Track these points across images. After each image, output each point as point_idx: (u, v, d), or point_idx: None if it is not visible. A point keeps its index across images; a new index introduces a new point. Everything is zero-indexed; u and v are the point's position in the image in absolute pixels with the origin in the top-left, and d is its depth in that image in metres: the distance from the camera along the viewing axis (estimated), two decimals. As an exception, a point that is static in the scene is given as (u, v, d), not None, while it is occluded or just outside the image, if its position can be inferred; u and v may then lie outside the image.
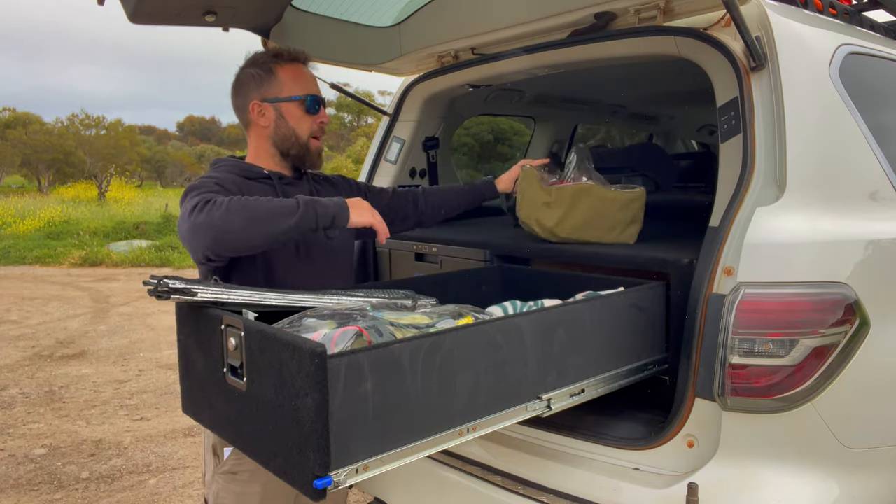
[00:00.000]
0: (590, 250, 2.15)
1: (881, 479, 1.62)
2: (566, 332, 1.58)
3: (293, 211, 1.53)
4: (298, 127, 1.86)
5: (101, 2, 1.85)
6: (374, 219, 1.66)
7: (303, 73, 1.89)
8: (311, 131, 1.88)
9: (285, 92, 1.84)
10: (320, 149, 1.92)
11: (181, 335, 1.56)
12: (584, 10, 2.10)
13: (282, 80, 1.84)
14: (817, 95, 1.71)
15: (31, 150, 32.02)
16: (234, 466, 1.79)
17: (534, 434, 1.87)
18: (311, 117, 1.87)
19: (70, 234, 14.80)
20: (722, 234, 1.60)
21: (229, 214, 1.48)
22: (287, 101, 1.84)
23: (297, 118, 1.85)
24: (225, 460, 1.81)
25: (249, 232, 1.50)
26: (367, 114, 38.17)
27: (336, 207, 1.60)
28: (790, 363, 1.49)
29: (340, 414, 1.15)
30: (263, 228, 1.50)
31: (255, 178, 1.84)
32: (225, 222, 1.48)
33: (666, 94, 3.87)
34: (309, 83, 1.89)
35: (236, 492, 1.79)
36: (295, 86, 1.85)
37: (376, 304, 1.68)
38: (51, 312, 8.08)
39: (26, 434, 4.35)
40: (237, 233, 1.49)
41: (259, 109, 1.84)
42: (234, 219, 1.48)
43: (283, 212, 1.52)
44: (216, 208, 1.49)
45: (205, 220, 1.49)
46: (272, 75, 1.84)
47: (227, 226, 1.48)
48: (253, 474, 1.78)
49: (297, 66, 1.88)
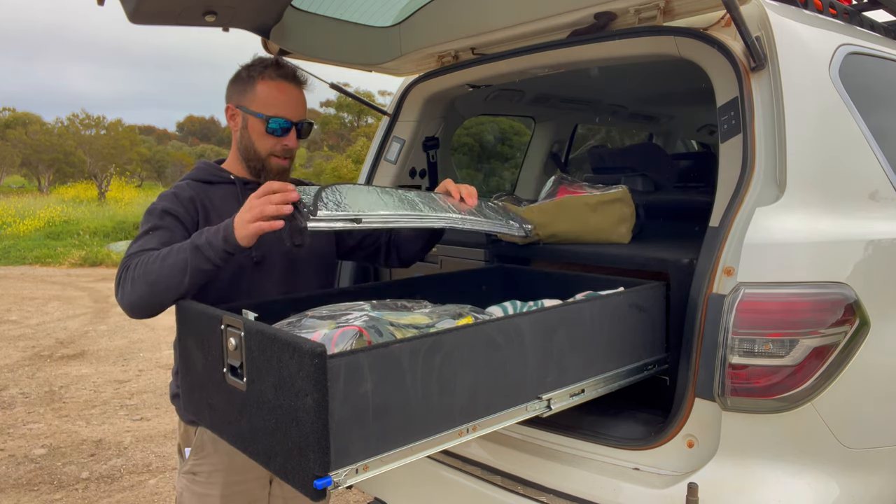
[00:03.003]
0: (590, 250, 2.15)
1: (881, 479, 1.61)
2: (566, 332, 1.58)
3: (184, 263, 1.52)
4: (259, 143, 1.82)
5: (101, 2, 1.85)
6: (257, 226, 1.49)
7: (281, 93, 1.82)
8: (272, 151, 1.83)
9: (255, 106, 1.81)
10: (283, 167, 1.86)
11: (181, 335, 1.56)
12: (584, 10, 2.10)
13: (257, 94, 1.81)
14: (817, 95, 1.71)
15: (31, 150, 32.02)
16: (194, 467, 1.81)
17: (534, 434, 1.87)
18: (274, 138, 1.82)
19: (70, 234, 14.80)
20: (722, 234, 1.59)
21: (134, 287, 1.54)
22: (253, 115, 1.81)
23: (258, 134, 1.82)
24: (185, 460, 1.82)
25: (156, 295, 1.54)
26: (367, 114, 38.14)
27: (224, 232, 1.52)
28: (790, 363, 1.49)
29: (340, 414, 1.15)
30: (165, 287, 1.53)
31: (218, 182, 1.85)
32: (134, 295, 1.55)
33: (666, 94, 3.87)
34: (282, 105, 1.81)
35: (197, 492, 1.80)
36: (266, 103, 1.80)
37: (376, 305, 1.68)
38: (51, 312, 8.08)
39: (26, 434, 4.35)
40: (148, 299, 1.54)
41: (231, 113, 1.86)
42: (138, 289, 1.54)
43: (176, 267, 1.52)
44: (125, 282, 1.56)
45: (121, 299, 1.58)
46: (252, 85, 1.82)
47: (137, 299, 1.55)
48: (210, 475, 1.79)
49: (279, 85, 1.82)
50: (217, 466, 1.79)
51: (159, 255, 1.56)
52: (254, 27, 2.32)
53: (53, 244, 13.89)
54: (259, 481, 1.86)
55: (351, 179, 21.34)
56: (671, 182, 3.65)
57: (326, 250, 2.01)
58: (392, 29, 2.68)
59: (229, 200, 1.83)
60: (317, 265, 1.96)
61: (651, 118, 4.78)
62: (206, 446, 1.80)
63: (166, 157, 41.78)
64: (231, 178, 1.86)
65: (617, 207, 2.21)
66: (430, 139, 3.01)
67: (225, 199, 1.83)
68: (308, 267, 1.93)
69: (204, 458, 1.80)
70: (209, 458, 1.80)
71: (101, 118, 31.80)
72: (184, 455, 1.83)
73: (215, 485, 1.79)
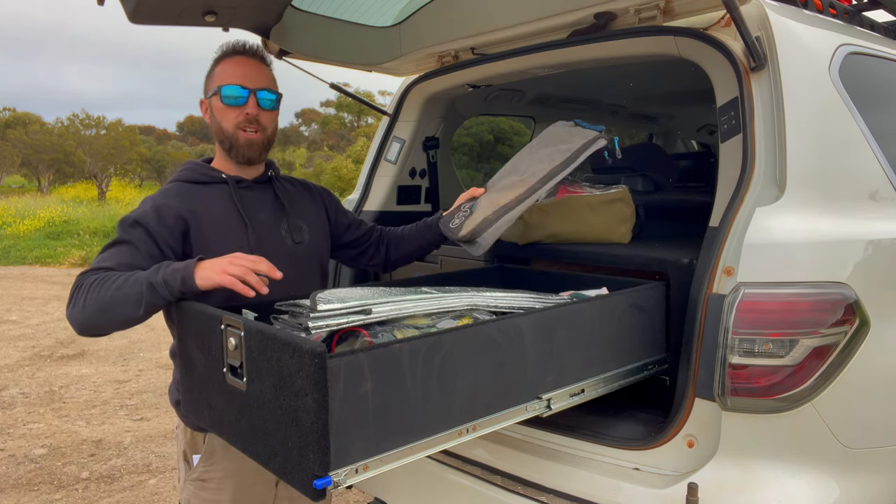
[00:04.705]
0: (590, 250, 2.15)
1: (881, 479, 1.61)
2: (566, 332, 1.58)
3: (139, 296, 1.48)
4: (224, 120, 1.79)
5: (101, 2, 1.85)
6: (225, 279, 1.46)
7: (236, 66, 1.79)
8: (237, 123, 1.78)
9: (212, 86, 1.80)
10: (251, 140, 1.80)
11: (181, 335, 1.56)
12: (584, 10, 2.10)
13: (215, 75, 1.80)
14: (817, 95, 1.71)
15: (31, 150, 32.02)
16: (203, 473, 1.78)
17: (534, 434, 1.87)
18: (234, 109, 1.77)
19: (70, 234, 14.80)
20: (722, 234, 1.59)
21: (86, 309, 1.49)
22: (213, 95, 1.79)
23: (220, 111, 1.79)
24: (194, 467, 1.79)
25: (108, 321, 1.50)
26: (367, 114, 38.17)
27: (184, 273, 1.48)
28: (790, 363, 1.49)
29: (340, 414, 1.15)
30: (117, 314, 1.49)
31: (210, 182, 1.81)
32: (84, 317, 1.50)
33: (666, 94, 3.87)
34: (236, 76, 1.77)
35: (206, 499, 1.77)
36: (220, 80, 1.78)
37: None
38: (51, 312, 8.08)
39: (26, 434, 4.35)
40: (99, 323, 1.51)
41: (204, 107, 1.85)
42: (90, 312, 1.49)
43: (130, 298, 1.48)
44: (77, 300, 1.51)
45: (71, 317, 1.52)
46: (213, 71, 1.81)
47: (85, 321, 1.51)
48: (221, 482, 1.76)
49: (235, 59, 1.80)
50: (228, 472, 1.76)
51: (114, 281, 1.50)
52: (254, 27, 2.32)
53: (53, 244, 13.89)
54: (266, 484, 1.84)
55: (351, 179, 21.35)
56: (671, 182, 3.65)
57: (323, 245, 2.00)
58: (392, 29, 2.68)
59: (221, 201, 1.79)
60: (314, 262, 1.95)
61: (651, 118, 4.78)
62: (217, 452, 1.76)
63: (166, 157, 41.74)
64: (223, 178, 1.82)
65: (617, 207, 2.21)
66: (430, 139, 3.01)
67: (217, 200, 1.79)
68: (307, 264, 1.92)
69: (214, 464, 1.77)
70: (220, 464, 1.76)
71: (101, 118, 31.86)
72: (191, 462, 1.80)
73: (226, 490, 1.76)
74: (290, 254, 1.85)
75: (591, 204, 2.20)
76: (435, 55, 2.65)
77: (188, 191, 1.78)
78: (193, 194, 1.77)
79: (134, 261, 1.59)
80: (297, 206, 1.95)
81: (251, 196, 1.84)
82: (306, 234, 1.92)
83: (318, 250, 1.96)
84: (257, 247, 1.77)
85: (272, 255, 1.78)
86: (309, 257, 1.92)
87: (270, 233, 1.84)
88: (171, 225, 1.67)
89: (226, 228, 1.76)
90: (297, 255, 1.87)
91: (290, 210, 1.91)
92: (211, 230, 1.73)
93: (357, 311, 1.42)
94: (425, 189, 3.07)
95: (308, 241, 1.91)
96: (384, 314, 1.47)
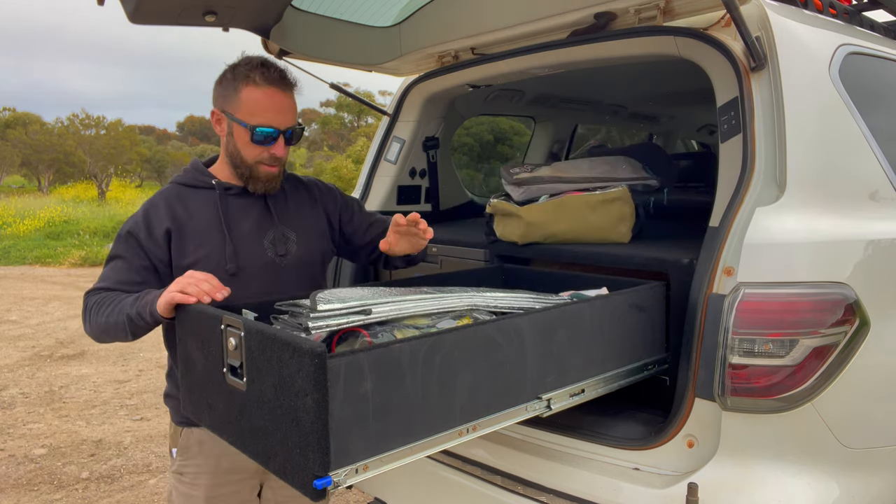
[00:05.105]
0: (590, 250, 2.15)
1: (881, 479, 1.61)
2: (566, 333, 1.58)
3: (124, 325, 1.60)
4: (244, 151, 1.74)
5: (101, 2, 1.85)
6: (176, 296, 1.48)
7: (267, 99, 1.72)
8: (259, 159, 1.75)
9: (240, 113, 1.72)
10: (272, 174, 1.78)
11: (180, 335, 1.56)
12: (584, 10, 2.10)
13: (242, 100, 1.71)
14: (817, 95, 1.71)
15: (31, 150, 32.03)
16: (181, 467, 1.81)
17: (534, 434, 1.87)
18: (261, 147, 1.74)
19: (70, 234, 14.80)
20: (722, 234, 1.59)
21: (92, 327, 1.67)
22: (238, 123, 1.72)
23: (243, 143, 1.73)
24: (173, 459, 1.83)
25: (110, 338, 1.67)
26: (367, 114, 38.16)
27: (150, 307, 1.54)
28: (790, 363, 1.49)
29: (340, 414, 1.15)
30: (114, 335, 1.65)
31: (201, 186, 1.79)
32: (92, 333, 1.69)
33: (666, 94, 3.87)
34: (268, 113, 1.72)
35: (183, 492, 1.80)
36: (251, 112, 1.71)
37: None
38: (51, 312, 8.08)
39: (26, 434, 4.35)
40: (104, 339, 1.68)
41: (217, 118, 1.77)
42: (95, 330, 1.67)
43: (119, 325, 1.61)
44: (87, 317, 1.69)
45: (86, 330, 1.70)
46: (237, 90, 1.72)
47: (95, 336, 1.69)
48: (196, 477, 1.79)
49: (265, 91, 1.71)
50: (202, 468, 1.78)
51: (107, 308, 1.63)
52: (254, 27, 2.32)
53: (53, 244, 13.89)
54: (247, 483, 1.83)
55: (351, 179, 21.33)
56: (671, 182, 3.64)
57: (315, 258, 1.92)
58: (392, 29, 2.68)
59: (207, 208, 1.76)
60: (302, 274, 1.87)
61: (651, 118, 4.78)
62: (192, 448, 1.79)
63: (166, 157, 41.76)
64: (212, 184, 1.78)
65: (617, 207, 2.21)
66: (430, 139, 3.01)
67: (203, 207, 1.76)
68: (292, 276, 1.83)
69: (189, 458, 1.79)
70: (194, 460, 1.79)
71: (101, 118, 31.84)
72: (172, 455, 1.84)
73: (200, 486, 1.78)
74: (270, 265, 1.79)
75: (591, 204, 2.21)
76: (435, 55, 2.65)
77: (179, 195, 1.77)
78: (183, 199, 1.76)
79: (129, 276, 1.70)
80: (290, 215, 1.88)
81: (239, 204, 1.79)
82: (294, 245, 1.84)
83: (308, 263, 1.88)
84: (234, 257, 1.73)
85: (249, 266, 1.77)
86: (295, 270, 1.84)
87: (250, 244, 1.78)
88: (157, 237, 1.71)
89: (205, 237, 1.73)
90: (280, 267, 1.81)
91: (279, 220, 1.84)
92: (191, 238, 1.72)
93: (357, 311, 1.43)
94: (425, 189, 3.07)
95: (295, 253, 1.84)
96: (384, 314, 1.47)
